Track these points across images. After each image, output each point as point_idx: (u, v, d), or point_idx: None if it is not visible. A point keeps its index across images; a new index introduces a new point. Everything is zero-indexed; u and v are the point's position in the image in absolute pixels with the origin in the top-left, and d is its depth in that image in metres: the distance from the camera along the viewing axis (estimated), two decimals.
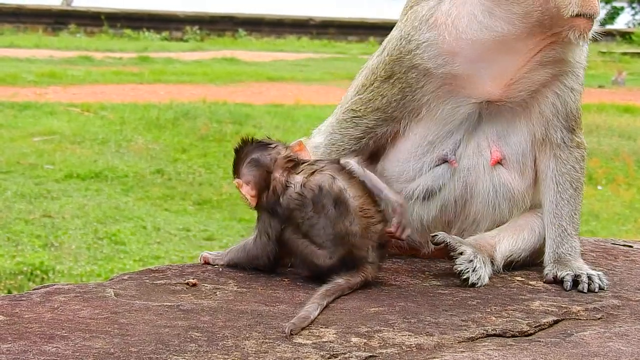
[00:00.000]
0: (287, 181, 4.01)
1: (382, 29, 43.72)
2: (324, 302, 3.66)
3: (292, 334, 3.39)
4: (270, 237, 4.02)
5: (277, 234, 4.00)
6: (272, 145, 4.14)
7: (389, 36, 4.47)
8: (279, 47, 45.39)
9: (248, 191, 4.10)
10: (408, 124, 4.40)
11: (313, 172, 3.99)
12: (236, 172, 4.18)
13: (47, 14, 48.76)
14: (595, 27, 4.19)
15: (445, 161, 4.37)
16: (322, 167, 4.01)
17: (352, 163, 4.08)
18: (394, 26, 4.63)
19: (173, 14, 50.29)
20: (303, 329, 3.45)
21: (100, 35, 47.80)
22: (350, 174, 4.01)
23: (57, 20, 48.68)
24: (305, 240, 3.95)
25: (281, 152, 4.11)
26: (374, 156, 4.48)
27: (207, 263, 4.27)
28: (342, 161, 4.09)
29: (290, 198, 3.97)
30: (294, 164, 4.07)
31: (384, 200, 4.06)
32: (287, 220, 3.97)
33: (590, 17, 4.13)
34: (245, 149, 4.17)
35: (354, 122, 4.44)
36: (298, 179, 4.00)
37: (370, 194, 4.01)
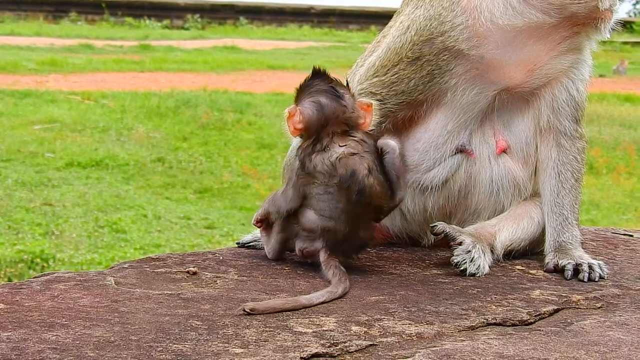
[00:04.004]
0: (328, 145, 3.95)
1: (383, 17, 43.75)
2: (301, 302, 3.64)
3: (247, 311, 3.43)
4: (296, 190, 3.98)
5: (304, 187, 3.96)
6: (343, 102, 4.01)
7: (412, 15, 4.33)
8: (279, 36, 45.40)
9: (295, 122, 4.01)
10: (429, 108, 4.34)
11: (355, 154, 3.93)
12: (297, 99, 4.08)
13: (48, 2, 48.72)
14: (614, 17, 4.25)
15: (460, 151, 4.36)
16: (365, 152, 3.94)
17: (391, 149, 4.00)
18: (394, 14, 4.60)
19: (174, 2, 50.25)
20: (261, 313, 3.46)
21: (101, 23, 47.80)
22: (383, 165, 3.98)
23: (57, 8, 48.66)
24: (305, 201, 3.96)
25: (346, 111, 4.02)
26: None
27: (260, 221, 4.20)
28: (381, 142, 4.01)
29: (322, 161, 3.92)
30: (345, 131, 4.00)
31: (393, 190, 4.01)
32: (308, 176, 3.95)
33: (613, 9, 4.20)
34: (319, 85, 4.06)
35: None
36: (339, 150, 3.94)
37: (389, 196, 4.00)
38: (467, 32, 4.22)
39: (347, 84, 4.12)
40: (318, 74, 4.09)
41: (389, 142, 4.03)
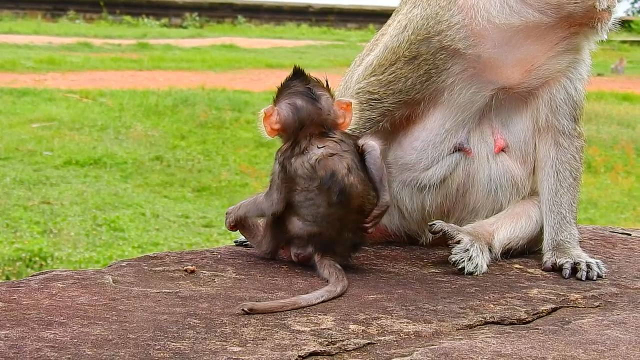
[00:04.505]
0: (307, 148, 3.94)
1: (381, 16, 43.75)
2: (299, 302, 3.64)
3: (245, 311, 3.43)
4: (281, 193, 3.95)
5: (287, 193, 3.94)
6: (319, 104, 3.99)
7: (409, 14, 4.33)
8: (278, 34, 45.40)
9: (272, 123, 4.02)
10: (426, 107, 4.34)
11: (334, 154, 3.92)
12: (275, 99, 4.07)
13: (46, 0, 48.66)
14: (612, 18, 4.24)
15: (459, 149, 4.36)
16: (344, 151, 3.94)
17: (372, 148, 3.97)
18: (392, 13, 4.60)
19: (172, 1, 50.21)
20: (260, 313, 3.45)
21: (99, 21, 47.78)
22: (365, 164, 3.97)
23: (56, 6, 48.62)
24: (290, 209, 3.95)
25: (322, 114, 3.99)
26: (385, 136, 4.44)
27: (234, 226, 4.20)
28: (362, 142, 3.98)
29: (302, 164, 3.91)
30: (321, 132, 3.99)
31: (377, 192, 3.98)
32: (290, 181, 3.94)
33: (611, 10, 4.20)
34: (297, 87, 4.04)
35: (371, 105, 4.33)
36: (317, 151, 3.92)
37: (374, 194, 3.98)
38: (463, 31, 4.22)
39: (327, 84, 4.11)
40: (298, 74, 4.08)
41: (369, 142, 4.00)
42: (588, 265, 4.19)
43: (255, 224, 4.21)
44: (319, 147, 3.94)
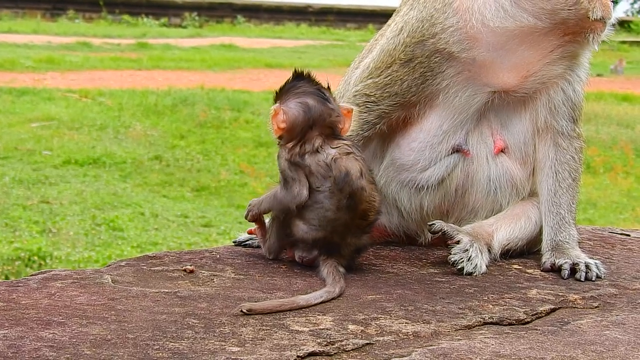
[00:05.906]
0: (321, 146, 3.94)
1: (380, 16, 43.76)
2: (298, 302, 3.63)
3: (244, 311, 3.43)
4: (300, 182, 3.92)
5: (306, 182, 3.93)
6: (329, 106, 4.00)
7: (405, 17, 4.35)
8: (277, 34, 45.39)
9: (279, 121, 3.99)
10: (423, 109, 4.35)
11: (348, 154, 3.93)
12: (280, 98, 4.06)
13: (46, 0, 48.63)
14: (607, 30, 4.23)
15: (457, 151, 4.36)
16: (358, 155, 3.96)
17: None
18: (392, 13, 4.60)
19: (172, 1, 50.20)
20: (258, 313, 3.45)
21: (99, 21, 47.75)
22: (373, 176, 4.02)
23: (55, 5, 48.60)
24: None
25: (332, 114, 4.01)
26: (382, 138, 4.45)
27: (256, 220, 4.17)
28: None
29: (317, 163, 3.91)
30: (331, 134, 3.99)
31: None
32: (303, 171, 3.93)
33: (606, 21, 4.19)
34: (305, 87, 4.04)
35: (368, 107, 4.35)
36: (332, 151, 3.93)
37: (379, 201, 3.99)
38: (458, 34, 4.22)
39: (329, 87, 4.11)
40: (301, 76, 4.08)
41: None
42: (587, 266, 4.20)
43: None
44: (332, 147, 3.94)
